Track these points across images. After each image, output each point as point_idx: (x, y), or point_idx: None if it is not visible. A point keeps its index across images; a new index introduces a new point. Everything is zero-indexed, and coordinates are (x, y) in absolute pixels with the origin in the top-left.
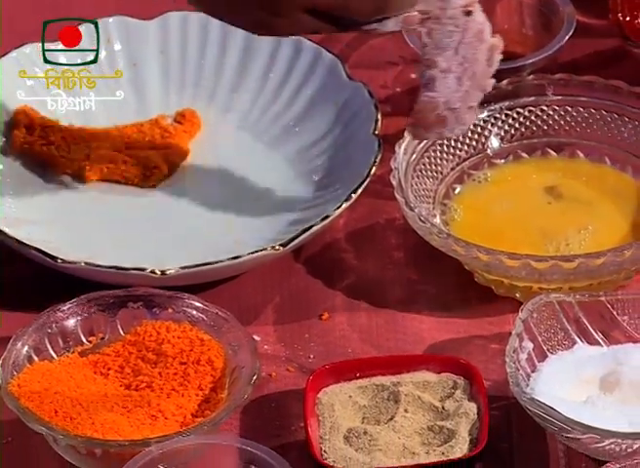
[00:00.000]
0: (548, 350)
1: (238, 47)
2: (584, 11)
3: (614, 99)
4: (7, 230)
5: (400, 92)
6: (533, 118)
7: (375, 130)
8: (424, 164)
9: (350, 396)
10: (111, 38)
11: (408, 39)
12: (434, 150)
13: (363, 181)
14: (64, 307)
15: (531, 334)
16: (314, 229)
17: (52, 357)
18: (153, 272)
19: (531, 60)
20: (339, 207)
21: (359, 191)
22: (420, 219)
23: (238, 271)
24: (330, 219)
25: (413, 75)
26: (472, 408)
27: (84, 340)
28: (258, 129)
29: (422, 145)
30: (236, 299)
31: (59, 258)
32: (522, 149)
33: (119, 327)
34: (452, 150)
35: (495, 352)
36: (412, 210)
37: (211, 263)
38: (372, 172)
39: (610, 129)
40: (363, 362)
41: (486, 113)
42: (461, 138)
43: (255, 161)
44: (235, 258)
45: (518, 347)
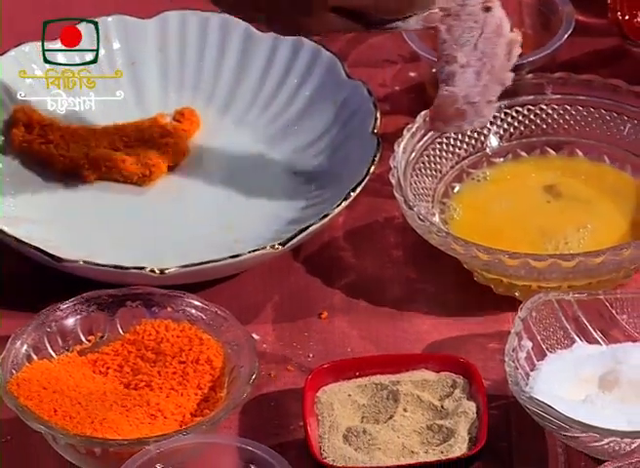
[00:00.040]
0: (547, 349)
1: (237, 46)
2: (583, 10)
3: (613, 98)
4: (6, 229)
5: (399, 90)
6: (532, 117)
7: (374, 128)
8: (423, 162)
9: (349, 395)
10: (110, 37)
11: (407, 37)
12: (433, 149)
13: (362, 180)
14: (63, 306)
15: (530, 333)
16: (313, 228)
17: (51, 356)
18: (152, 271)
19: (530, 59)
20: (337, 205)
21: (358, 190)
22: (420, 218)
23: (237, 270)
24: (329, 218)
25: (412, 73)
26: (471, 407)
27: (83, 339)
28: (257, 127)
29: (421, 144)
30: (235, 298)
31: (58, 257)
32: (521, 148)
33: (118, 326)
34: (451, 149)
35: (494, 351)
36: (411, 208)
37: (210, 262)
38: (371, 170)
39: (609, 127)
40: (362, 361)
41: None
42: (460, 137)
43: (254, 160)
44: (234, 257)
45: (517, 346)
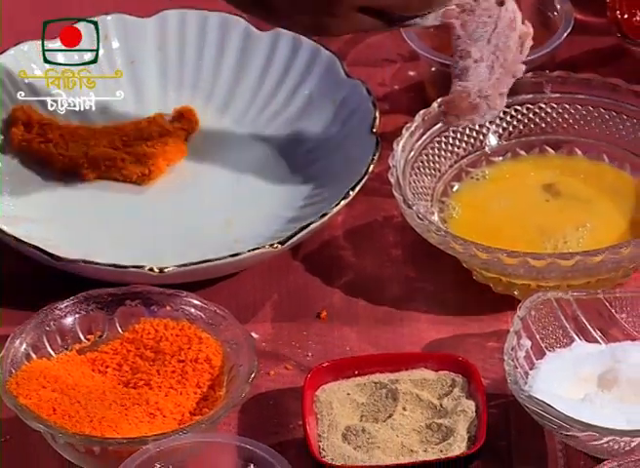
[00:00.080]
0: (546, 348)
1: (236, 44)
2: (582, 8)
3: (612, 97)
4: (5, 228)
5: (398, 89)
6: (531, 116)
7: (373, 127)
8: (422, 161)
9: (348, 394)
10: (109, 35)
11: (406, 36)
12: (432, 148)
13: (361, 179)
14: (62, 305)
15: (529, 332)
16: (312, 227)
17: (50, 355)
18: (151, 270)
19: (529, 58)
20: (337, 204)
21: (357, 189)
22: (419, 217)
23: (236, 269)
24: (328, 217)
25: (411, 73)
26: (470, 405)
27: (82, 338)
28: (256, 126)
29: (420, 143)
30: (234, 297)
31: (57, 256)
32: (520, 147)
33: (117, 324)
34: (450, 148)
35: (493, 350)
36: (410, 207)
37: (209, 261)
38: (370, 169)
39: (608, 126)
40: (361, 359)
41: None
42: (459, 136)
43: (252, 159)
44: (233, 256)
45: (516, 345)
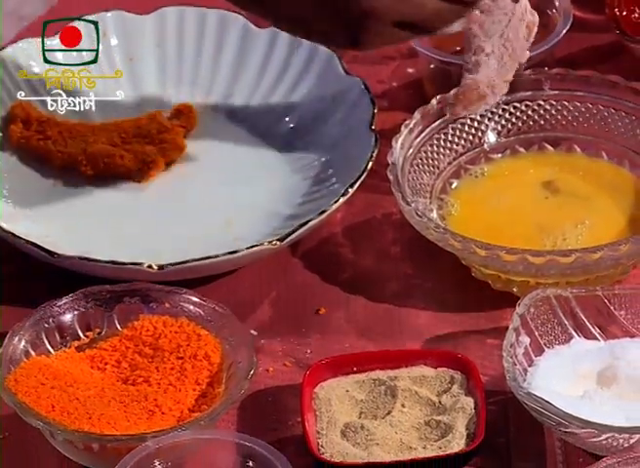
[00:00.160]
0: (545, 345)
1: (235, 41)
2: (581, 6)
3: (610, 94)
4: (4, 225)
5: (397, 86)
6: (530, 113)
7: (371, 124)
8: (421, 158)
9: (347, 390)
10: (108, 32)
11: None
12: (431, 145)
13: (360, 176)
14: (61, 302)
15: (528, 329)
16: (311, 224)
17: (49, 352)
18: (150, 267)
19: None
20: (335, 201)
21: (356, 186)
22: (417, 214)
23: (235, 266)
24: (327, 214)
25: (409, 70)
26: (469, 402)
27: (81, 335)
28: (254, 123)
29: (419, 140)
30: (233, 294)
31: (55, 253)
32: (519, 144)
33: (116, 321)
34: (449, 145)
35: (492, 347)
36: (409, 204)
37: (208, 258)
38: (368, 166)
39: (607, 123)
40: (360, 356)
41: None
42: (458, 133)
43: (251, 156)
44: (232, 253)
45: (515, 342)
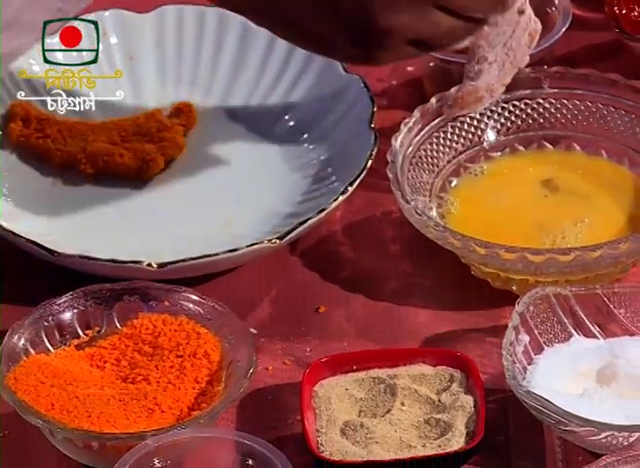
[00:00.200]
0: (545, 343)
1: (234, 40)
2: (580, 4)
3: (610, 92)
4: (4, 224)
5: (396, 85)
6: (529, 111)
7: (371, 123)
8: (421, 157)
9: (347, 389)
10: (107, 31)
11: None
12: (430, 143)
13: (359, 174)
14: (61, 300)
15: (527, 327)
16: (311, 222)
17: (48, 350)
18: (150, 265)
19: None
20: (335, 200)
21: (355, 184)
22: (417, 212)
23: (235, 264)
24: (326, 212)
25: (409, 68)
26: (469, 401)
27: (80, 333)
28: (254, 122)
29: (419, 138)
30: (233, 292)
31: (55, 251)
32: (518, 142)
33: (115, 320)
34: (448, 143)
35: (491, 345)
36: (408, 202)
37: (207, 256)
38: (368, 165)
39: (606, 122)
40: (359, 355)
41: None
42: (458, 131)
43: (251, 154)
44: (232, 251)
45: (515, 340)
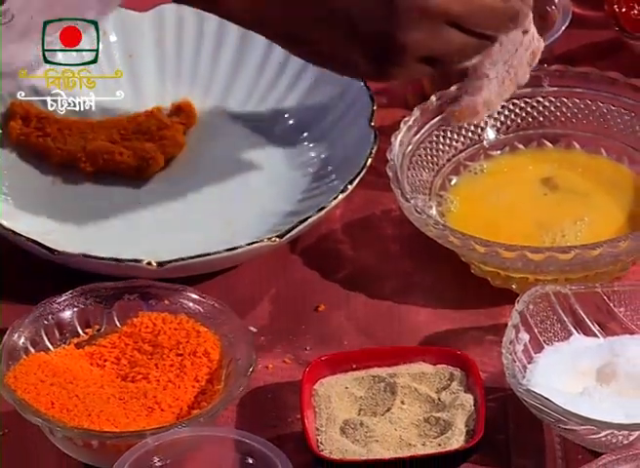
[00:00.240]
0: (545, 341)
1: (234, 39)
2: (580, 2)
3: (610, 91)
4: (4, 222)
5: (396, 83)
6: (529, 109)
7: (370, 121)
8: (420, 155)
9: (347, 387)
10: (107, 30)
11: None
12: (430, 142)
13: (359, 173)
14: (60, 299)
15: (527, 326)
16: (310, 220)
17: (48, 348)
18: (149, 264)
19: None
20: (335, 198)
21: (355, 182)
22: (417, 211)
23: (234, 263)
24: (326, 211)
25: None
26: (469, 399)
27: (80, 332)
28: (253, 120)
29: (418, 137)
30: (232, 291)
31: (55, 250)
32: (518, 140)
33: (115, 318)
34: (448, 142)
35: (491, 343)
36: (408, 201)
37: (207, 255)
38: (368, 163)
39: (606, 120)
40: (359, 353)
41: None
42: (457, 130)
43: (250, 152)
44: (231, 250)
45: (514, 338)
